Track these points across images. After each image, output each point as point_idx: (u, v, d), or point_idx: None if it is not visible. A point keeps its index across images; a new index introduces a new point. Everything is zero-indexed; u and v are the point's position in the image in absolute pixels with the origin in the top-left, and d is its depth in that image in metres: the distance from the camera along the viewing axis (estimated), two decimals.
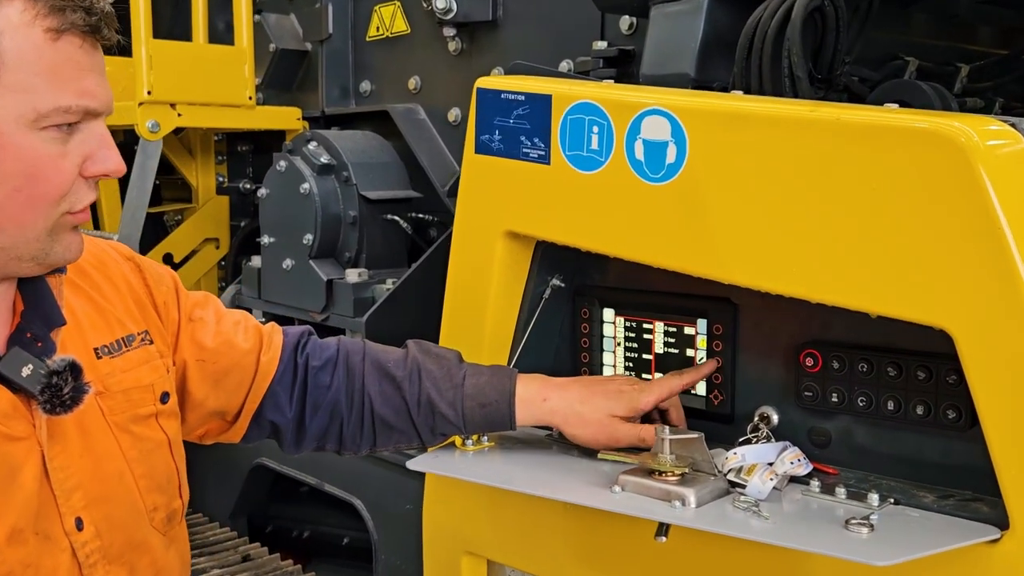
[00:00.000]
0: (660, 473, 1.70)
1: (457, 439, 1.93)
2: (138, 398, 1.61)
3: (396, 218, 2.97)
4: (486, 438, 1.95)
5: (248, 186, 3.58)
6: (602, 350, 2.12)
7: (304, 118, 3.30)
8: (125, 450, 1.57)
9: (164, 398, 1.66)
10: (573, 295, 2.14)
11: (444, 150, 3.00)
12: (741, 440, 1.89)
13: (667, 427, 1.72)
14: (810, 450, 1.85)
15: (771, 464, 1.76)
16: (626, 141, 1.80)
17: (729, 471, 1.74)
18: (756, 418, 1.91)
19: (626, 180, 1.80)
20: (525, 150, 1.92)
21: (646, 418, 1.90)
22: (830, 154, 1.60)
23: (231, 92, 3.11)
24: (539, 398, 1.86)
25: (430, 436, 1.88)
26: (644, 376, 2.04)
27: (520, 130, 1.93)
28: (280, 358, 1.88)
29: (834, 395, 1.80)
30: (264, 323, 3.17)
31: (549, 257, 2.06)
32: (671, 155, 1.74)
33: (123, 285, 1.69)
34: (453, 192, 2.50)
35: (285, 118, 3.25)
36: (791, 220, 1.64)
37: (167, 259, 3.41)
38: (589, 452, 1.92)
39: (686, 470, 1.70)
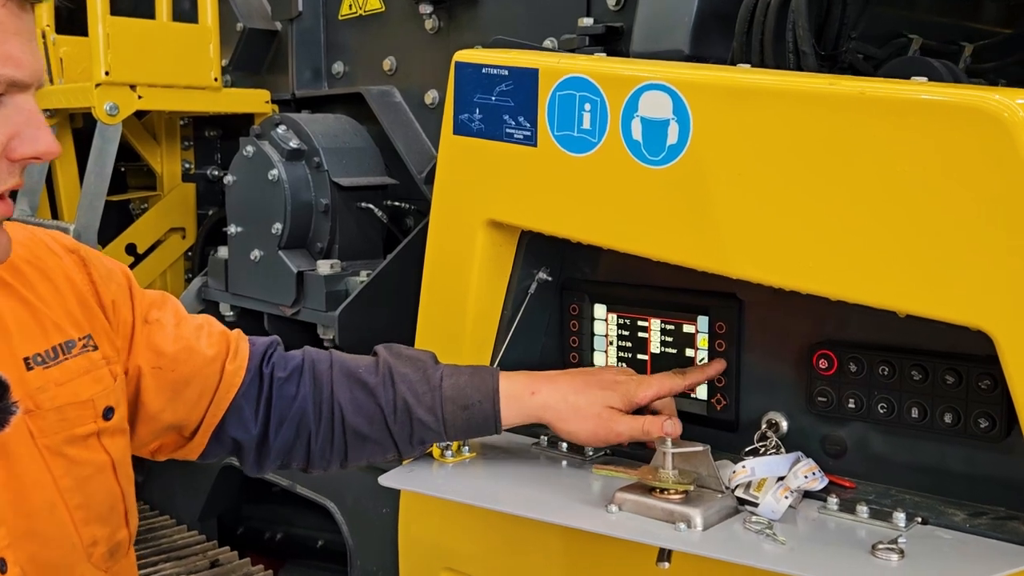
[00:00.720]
0: (662, 491, 1.50)
1: (435, 450, 1.72)
2: (75, 416, 1.37)
3: (370, 206, 2.76)
4: (467, 448, 1.74)
5: (216, 173, 3.35)
6: (593, 349, 1.91)
7: (273, 101, 3.07)
8: (57, 477, 1.33)
9: (108, 414, 1.41)
10: (561, 290, 1.93)
11: (421, 134, 2.79)
12: (747, 450, 1.69)
13: (669, 439, 1.52)
14: (823, 460, 1.66)
15: (782, 478, 1.57)
16: (622, 120, 1.59)
17: (737, 487, 1.54)
18: (763, 425, 1.71)
19: (622, 163, 1.59)
20: (509, 131, 1.71)
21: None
22: (852, 132, 1.39)
23: (195, 73, 2.88)
24: (527, 392, 1.65)
25: (408, 446, 1.66)
26: None
27: (503, 108, 1.71)
28: (247, 368, 1.65)
29: (851, 401, 1.61)
30: (232, 318, 3.00)
31: (535, 248, 1.86)
32: (673, 135, 1.54)
33: (63, 282, 1.44)
34: (431, 179, 2.30)
35: (253, 101, 3.02)
36: (808, 208, 1.43)
37: (130, 250, 3.19)
38: (579, 464, 1.72)
39: (690, 487, 1.50)
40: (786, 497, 1.50)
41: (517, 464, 1.73)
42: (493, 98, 1.72)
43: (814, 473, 1.57)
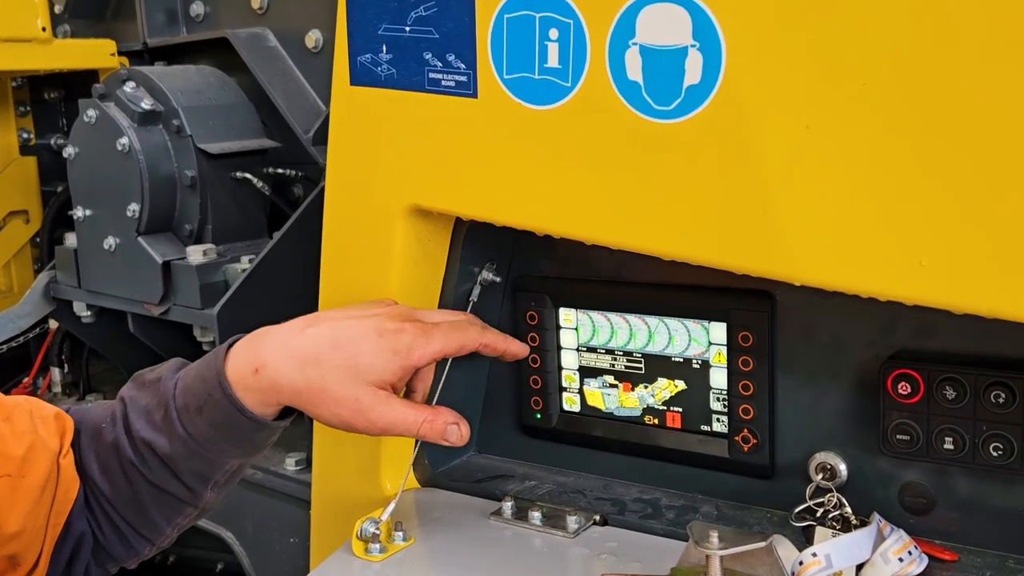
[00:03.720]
0: None
1: (356, 544, 1.12)
2: None
3: (248, 176, 2.08)
4: (400, 535, 1.14)
5: (61, 142, 2.60)
6: (560, 369, 1.32)
7: (122, 53, 2.35)
8: None
9: None
10: (514, 292, 1.33)
11: (305, 85, 2.11)
12: (799, 510, 1.13)
13: (715, 533, 0.94)
14: (900, 517, 1.11)
15: (864, 565, 1.02)
16: (610, 51, 0.98)
17: None
18: (814, 472, 1.15)
19: (611, 117, 0.98)
20: (434, 75, 1.09)
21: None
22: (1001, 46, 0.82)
23: (17, 23, 2.15)
24: (249, 369, 1.02)
25: (188, 492, 1.09)
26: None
27: (424, 43, 1.09)
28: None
29: (947, 439, 1.06)
30: (89, 318, 2.32)
31: (477, 241, 1.24)
32: (693, 71, 0.94)
33: None
34: (321, 138, 1.67)
35: (94, 54, 2.30)
36: (921, 180, 0.86)
37: None
38: (563, 543, 1.14)
39: None
40: None
41: (473, 550, 1.13)
42: (407, 29, 1.09)
43: (910, 552, 1.02)
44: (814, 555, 0.98)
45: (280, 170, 2.13)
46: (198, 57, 2.31)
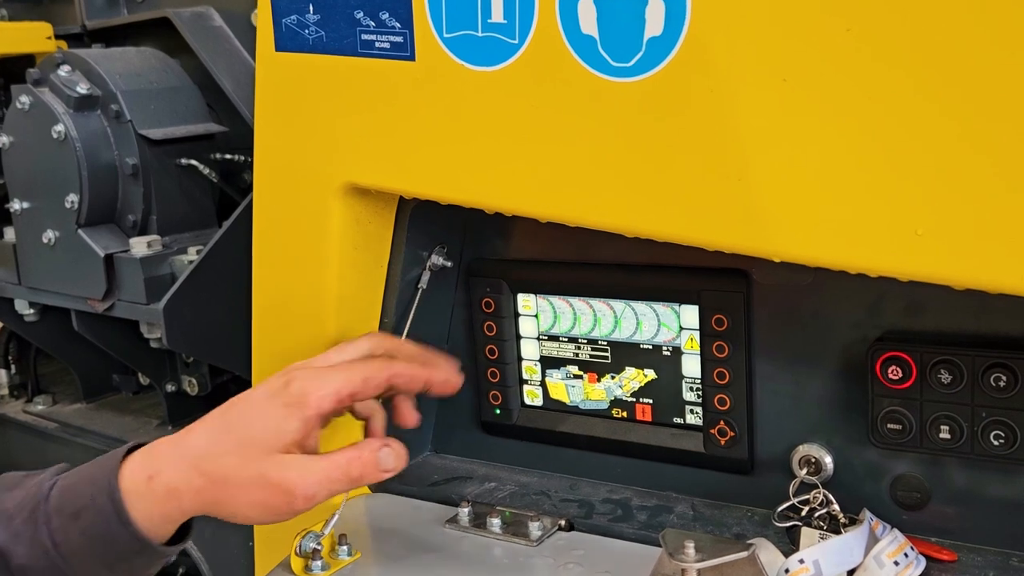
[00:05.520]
0: None
1: (295, 561, 1.00)
2: None
3: (195, 163, 1.94)
4: (345, 549, 1.02)
5: None
6: (520, 360, 1.20)
7: (60, 37, 2.20)
8: None
9: None
10: (467, 277, 1.21)
11: (252, 66, 1.98)
12: (782, 509, 1.01)
13: (691, 543, 0.82)
14: (892, 514, 1.00)
15: (855, 570, 0.91)
16: (560, 2, 0.86)
17: None
18: (797, 466, 1.04)
19: (564, 75, 0.86)
20: (366, 37, 0.96)
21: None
22: None
23: None
24: (143, 476, 0.88)
25: None
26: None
27: (355, 1, 0.96)
28: None
29: (943, 427, 0.95)
30: (33, 317, 2.18)
31: (424, 222, 1.11)
32: (654, 21, 0.81)
33: None
34: None
35: (29, 38, 2.14)
36: (905, 134, 0.74)
37: None
38: (526, 551, 1.02)
39: None
40: None
41: (425, 563, 1.01)
42: None
43: (906, 554, 0.91)
44: (801, 562, 0.87)
45: (228, 156, 2.00)
46: (140, 39, 2.16)
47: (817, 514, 0.98)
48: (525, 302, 1.16)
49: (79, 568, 0.87)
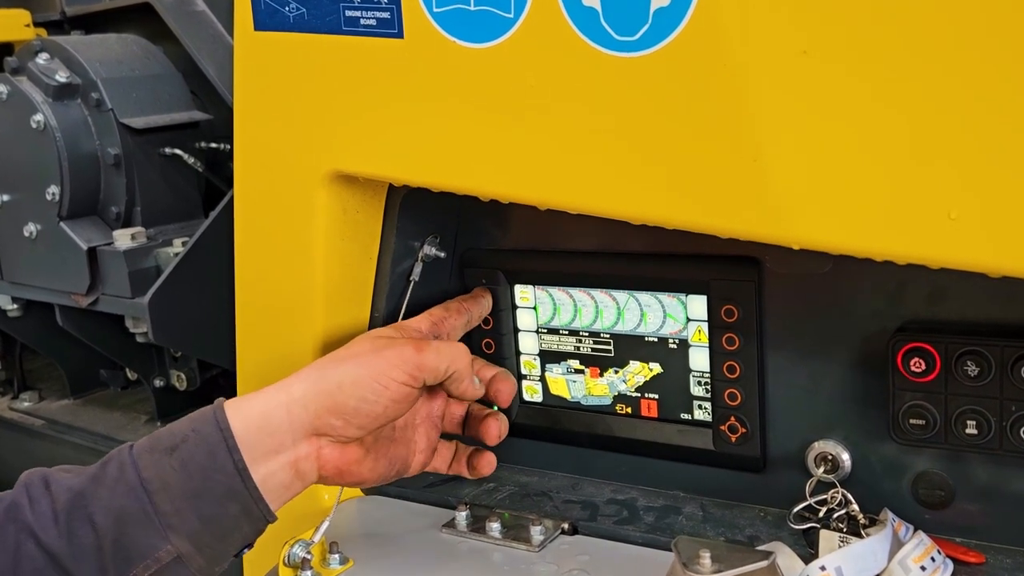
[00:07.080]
0: None
1: (283, 572, 0.93)
2: None
3: (179, 152, 1.87)
4: (336, 558, 0.95)
5: None
6: (518, 354, 1.14)
7: (38, 24, 2.13)
8: None
9: None
10: (461, 268, 1.14)
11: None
12: (798, 509, 0.95)
13: (707, 552, 0.76)
14: (914, 512, 0.94)
15: (882, 573, 0.84)
16: None
17: None
18: (813, 464, 0.98)
19: (564, 52, 0.79)
20: (351, 13, 0.89)
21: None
22: None
23: None
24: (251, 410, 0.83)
25: None
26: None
27: None
28: None
29: (970, 422, 0.88)
30: (16, 312, 2.11)
31: (415, 210, 1.04)
32: None
33: None
34: None
35: (7, 25, 2.06)
36: (937, 108, 0.67)
37: None
38: (528, 557, 0.96)
39: None
40: None
41: (422, 571, 0.95)
42: None
43: (933, 559, 0.85)
44: (823, 568, 0.81)
45: (214, 144, 1.93)
46: (122, 26, 2.09)
47: (835, 515, 0.92)
48: (523, 293, 1.09)
49: (162, 505, 0.78)
